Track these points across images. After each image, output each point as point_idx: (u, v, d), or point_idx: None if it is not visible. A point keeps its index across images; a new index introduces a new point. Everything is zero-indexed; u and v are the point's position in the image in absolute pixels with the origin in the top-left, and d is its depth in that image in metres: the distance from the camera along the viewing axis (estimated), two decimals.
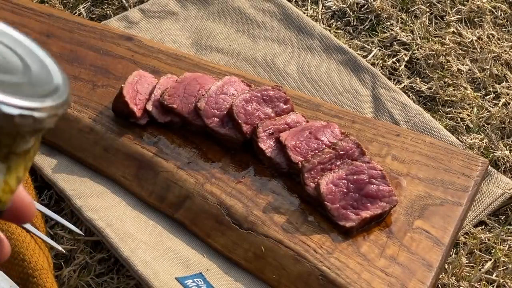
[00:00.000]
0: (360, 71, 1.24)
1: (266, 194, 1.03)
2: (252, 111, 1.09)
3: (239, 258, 0.99)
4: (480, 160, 1.08)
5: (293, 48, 1.27)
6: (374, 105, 1.19)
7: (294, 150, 1.04)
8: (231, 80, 1.13)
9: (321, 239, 0.98)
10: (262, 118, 1.09)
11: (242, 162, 1.07)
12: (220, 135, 1.08)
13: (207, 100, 1.09)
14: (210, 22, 1.31)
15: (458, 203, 1.03)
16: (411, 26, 1.32)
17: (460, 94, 1.22)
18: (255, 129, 1.06)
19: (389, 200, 1.00)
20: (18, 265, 0.91)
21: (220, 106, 1.09)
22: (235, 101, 1.08)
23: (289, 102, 1.11)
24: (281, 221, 1.00)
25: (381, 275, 0.95)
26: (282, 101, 1.11)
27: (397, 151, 1.09)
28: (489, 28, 1.32)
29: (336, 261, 0.96)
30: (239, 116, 1.07)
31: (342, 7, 1.35)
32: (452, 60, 1.26)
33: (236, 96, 1.10)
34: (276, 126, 1.08)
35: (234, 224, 1.01)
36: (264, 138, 1.06)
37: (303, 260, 0.97)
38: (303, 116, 1.10)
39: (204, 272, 0.98)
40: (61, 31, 1.25)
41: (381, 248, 0.98)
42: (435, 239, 0.99)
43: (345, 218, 0.98)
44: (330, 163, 1.03)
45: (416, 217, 1.01)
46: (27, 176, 1.05)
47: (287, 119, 1.09)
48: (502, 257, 1.03)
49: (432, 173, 1.06)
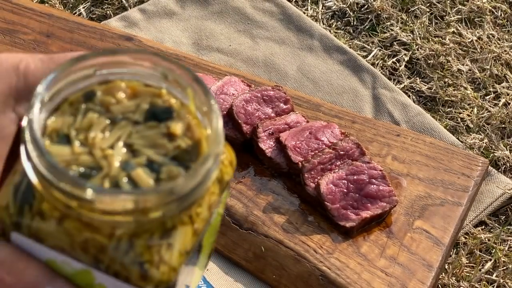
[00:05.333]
0: (360, 71, 1.24)
1: (266, 194, 1.03)
2: (252, 111, 1.09)
3: (239, 258, 0.99)
4: (480, 160, 1.08)
5: (293, 48, 1.27)
6: (374, 105, 1.19)
7: (294, 150, 1.04)
8: (231, 80, 1.13)
9: (321, 239, 0.98)
10: (262, 118, 1.09)
11: (242, 162, 1.07)
12: None
13: None
14: (210, 22, 1.31)
15: (458, 203, 1.03)
16: (411, 26, 1.32)
17: (460, 94, 1.22)
18: (255, 129, 1.06)
19: (389, 200, 1.00)
20: None
21: (220, 106, 1.09)
22: (235, 101, 1.08)
23: (289, 102, 1.11)
24: (281, 221, 1.00)
25: (381, 275, 0.95)
26: (282, 101, 1.11)
27: (397, 151, 1.09)
28: (489, 28, 1.32)
29: (336, 261, 0.96)
30: (239, 116, 1.07)
31: (342, 7, 1.35)
32: (452, 60, 1.26)
33: (236, 96, 1.10)
34: (276, 126, 1.07)
35: (234, 224, 1.01)
36: (264, 138, 1.06)
37: (303, 260, 0.97)
38: (303, 116, 1.10)
39: (204, 272, 0.98)
40: (61, 31, 1.25)
41: (381, 248, 0.98)
42: (435, 239, 0.99)
43: (345, 218, 0.98)
44: (330, 163, 1.03)
45: (416, 217, 1.01)
46: None
47: (287, 119, 1.09)
48: (502, 257, 1.03)
49: (432, 173, 1.06)
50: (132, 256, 0.35)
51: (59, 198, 0.35)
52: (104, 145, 0.36)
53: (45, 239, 0.36)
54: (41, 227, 0.36)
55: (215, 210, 0.39)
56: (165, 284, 0.36)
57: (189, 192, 0.35)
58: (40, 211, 0.36)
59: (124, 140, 0.37)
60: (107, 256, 0.36)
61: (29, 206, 0.36)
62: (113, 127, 0.37)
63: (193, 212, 0.37)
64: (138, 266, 0.35)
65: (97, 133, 0.36)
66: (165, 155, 0.36)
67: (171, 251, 0.36)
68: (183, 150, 0.37)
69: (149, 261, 0.35)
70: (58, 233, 0.36)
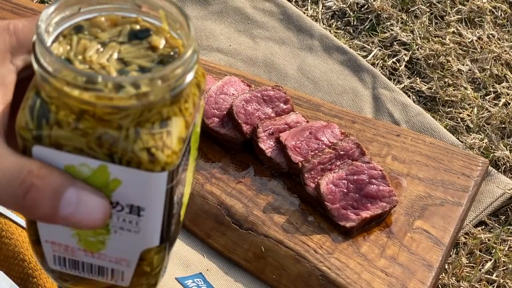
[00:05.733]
0: (360, 71, 1.24)
1: (266, 194, 1.03)
2: (252, 111, 1.09)
3: (239, 258, 1.00)
4: (480, 160, 1.08)
5: (293, 48, 1.27)
6: (374, 105, 1.19)
7: (294, 150, 1.04)
8: (231, 80, 1.13)
9: (321, 239, 0.98)
10: (262, 118, 1.09)
11: (242, 162, 1.07)
12: (220, 135, 1.08)
13: (207, 100, 1.09)
14: (210, 22, 1.31)
15: (458, 203, 1.03)
16: (411, 26, 1.32)
17: (460, 94, 1.22)
18: (255, 129, 1.06)
19: (389, 200, 1.00)
20: (18, 265, 0.91)
21: (220, 106, 1.09)
22: (235, 101, 1.08)
23: (289, 102, 1.11)
24: (281, 221, 1.00)
25: (381, 275, 0.95)
26: (282, 101, 1.11)
27: (397, 151, 1.09)
28: (489, 28, 1.32)
29: (336, 261, 0.96)
30: (239, 116, 1.07)
31: (342, 7, 1.35)
32: (452, 60, 1.26)
33: (236, 96, 1.10)
34: (276, 126, 1.07)
35: (234, 224, 1.01)
36: (264, 138, 1.06)
37: (303, 260, 0.97)
38: (303, 116, 1.10)
39: (204, 272, 0.98)
40: None
41: (381, 248, 0.98)
42: (435, 239, 0.99)
43: (345, 218, 0.98)
44: (330, 163, 1.03)
45: (416, 217, 1.01)
46: None
47: (287, 119, 1.09)
48: (502, 257, 1.03)
49: (432, 173, 1.06)
50: (140, 143, 0.42)
51: (73, 95, 0.41)
52: (101, 60, 0.43)
53: (64, 145, 0.43)
54: (59, 134, 0.42)
55: (197, 112, 0.46)
56: (170, 166, 0.43)
57: (178, 77, 0.42)
58: (56, 121, 0.42)
59: (116, 56, 0.44)
60: (119, 148, 0.42)
61: (46, 119, 0.43)
62: (104, 48, 0.44)
63: (182, 106, 0.44)
64: (146, 152, 0.42)
65: (93, 53, 0.44)
66: (152, 61, 0.44)
67: (171, 137, 0.43)
68: (166, 55, 0.44)
69: (154, 146, 0.42)
70: (75, 135, 0.42)
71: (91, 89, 0.41)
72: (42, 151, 0.43)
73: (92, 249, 0.46)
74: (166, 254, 0.48)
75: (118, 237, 0.45)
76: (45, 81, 0.42)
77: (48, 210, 0.43)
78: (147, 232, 0.45)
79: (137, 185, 0.43)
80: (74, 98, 0.41)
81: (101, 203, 0.43)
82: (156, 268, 0.48)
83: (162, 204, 0.44)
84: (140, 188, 0.43)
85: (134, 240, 0.45)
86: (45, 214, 0.43)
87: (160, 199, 0.44)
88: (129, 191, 0.44)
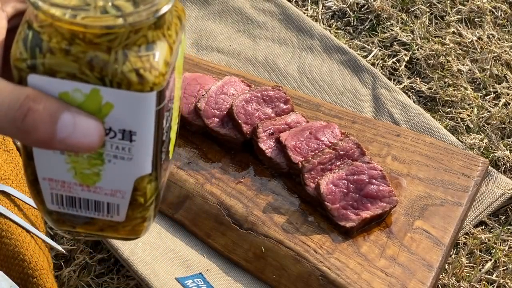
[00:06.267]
0: (360, 71, 1.24)
1: (266, 194, 1.03)
2: (252, 111, 1.09)
3: (239, 258, 1.00)
4: (480, 160, 1.08)
5: (293, 48, 1.27)
6: (374, 105, 1.19)
7: (294, 150, 1.04)
8: (231, 80, 1.13)
9: (321, 240, 0.98)
10: (262, 118, 1.09)
11: (242, 162, 1.07)
12: (220, 135, 1.08)
13: (207, 100, 1.09)
14: (210, 22, 1.31)
15: (458, 203, 1.03)
16: (411, 26, 1.32)
17: (460, 94, 1.22)
18: (255, 129, 1.06)
19: (389, 200, 1.00)
20: (18, 265, 0.91)
21: (220, 106, 1.09)
22: (235, 101, 1.08)
23: (289, 102, 1.11)
24: (281, 221, 1.00)
25: (381, 275, 0.95)
26: (282, 101, 1.11)
27: (397, 151, 1.09)
28: (489, 28, 1.32)
29: (336, 261, 0.96)
30: (239, 116, 1.07)
31: (342, 7, 1.35)
32: (452, 60, 1.26)
33: (236, 96, 1.10)
34: (276, 126, 1.08)
35: (234, 225, 1.01)
36: (264, 138, 1.06)
37: (303, 261, 0.97)
38: (303, 116, 1.10)
39: (204, 272, 0.98)
40: None
41: (381, 248, 0.98)
42: (435, 239, 0.99)
43: (345, 218, 0.98)
44: (330, 163, 1.03)
45: (416, 217, 1.01)
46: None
47: (287, 119, 1.09)
48: (502, 257, 1.03)
49: (432, 173, 1.06)
50: (129, 65, 0.45)
51: (65, 19, 0.44)
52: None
53: (58, 71, 0.45)
54: (53, 61, 0.45)
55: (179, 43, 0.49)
56: (158, 86, 0.46)
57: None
58: (49, 49, 0.45)
59: None
60: (109, 70, 0.45)
61: (39, 48, 0.45)
62: None
63: (166, 32, 0.47)
64: (135, 72, 0.45)
65: None
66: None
67: (157, 59, 0.46)
68: None
69: (142, 67, 0.45)
70: (67, 61, 0.45)
71: (80, 9, 0.44)
72: (37, 79, 0.46)
73: (88, 182, 0.49)
74: (158, 185, 0.50)
75: (112, 166, 0.48)
76: (37, 8, 0.45)
77: (46, 133, 0.45)
78: (139, 158, 0.48)
79: (128, 107, 0.46)
80: (65, 21, 0.44)
81: (96, 125, 0.46)
82: (150, 199, 0.50)
83: (152, 127, 0.47)
84: (131, 111, 0.46)
85: (128, 168, 0.48)
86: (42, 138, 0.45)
87: (150, 121, 0.47)
88: (121, 115, 0.46)
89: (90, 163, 0.48)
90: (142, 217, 0.51)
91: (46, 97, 0.45)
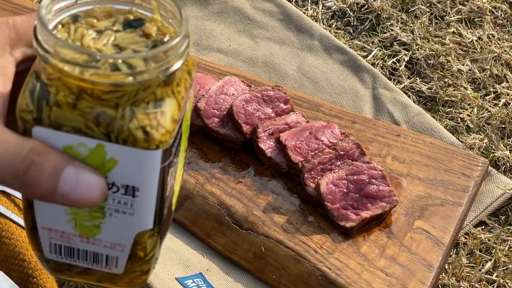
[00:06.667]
0: (360, 71, 1.24)
1: (266, 194, 1.03)
2: (252, 111, 1.09)
3: (239, 258, 1.00)
4: (480, 160, 1.08)
5: (293, 48, 1.27)
6: (374, 105, 1.19)
7: (294, 150, 1.04)
8: (231, 80, 1.13)
9: (321, 240, 0.98)
10: (262, 118, 1.09)
11: (242, 162, 1.07)
12: (220, 135, 1.08)
13: (207, 100, 1.09)
14: (210, 22, 1.31)
15: (458, 203, 1.03)
16: (411, 26, 1.32)
17: (460, 94, 1.22)
18: (255, 129, 1.06)
19: (389, 200, 1.00)
20: (18, 265, 0.91)
21: (220, 106, 1.09)
22: (235, 101, 1.08)
23: (289, 102, 1.11)
24: (281, 221, 1.00)
25: (381, 275, 0.95)
26: (282, 101, 1.11)
27: (397, 151, 1.09)
28: (489, 28, 1.32)
29: (336, 261, 0.96)
30: (239, 116, 1.07)
31: (342, 7, 1.35)
32: (452, 60, 1.26)
33: (236, 96, 1.10)
34: (276, 126, 1.08)
35: (234, 224, 1.01)
36: (264, 138, 1.06)
37: (303, 261, 0.97)
38: (303, 116, 1.10)
39: (204, 272, 0.98)
40: None
41: (381, 248, 0.98)
42: (435, 239, 0.99)
43: (345, 218, 0.98)
44: (330, 163, 1.03)
45: (416, 217, 1.01)
46: None
47: (287, 119, 1.09)
48: (502, 257, 1.03)
49: (432, 173, 1.06)
50: (136, 122, 0.44)
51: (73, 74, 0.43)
52: (97, 46, 0.46)
53: (63, 125, 0.45)
54: (59, 114, 0.44)
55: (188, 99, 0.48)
56: (164, 144, 0.45)
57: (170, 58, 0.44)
58: (56, 102, 0.44)
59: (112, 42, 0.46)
60: (116, 126, 0.44)
61: (46, 100, 0.44)
62: (100, 35, 0.46)
63: (175, 89, 0.46)
64: (141, 130, 0.44)
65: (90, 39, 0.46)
66: (145, 46, 0.46)
67: (164, 116, 0.45)
68: (159, 41, 0.46)
69: (149, 125, 0.44)
70: (73, 115, 0.44)
71: (90, 66, 0.43)
72: (42, 132, 0.45)
73: (88, 234, 0.48)
74: (158, 240, 0.50)
75: (113, 220, 0.47)
76: (46, 62, 0.44)
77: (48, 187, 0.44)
78: (142, 214, 0.47)
79: (133, 164, 0.45)
80: (74, 77, 0.43)
81: (99, 181, 0.45)
82: (150, 253, 0.50)
83: (156, 184, 0.46)
84: (135, 167, 0.45)
85: (129, 222, 0.47)
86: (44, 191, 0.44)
87: (154, 178, 0.46)
88: (125, 170, 0.45)
89: (91, 215, 0.47)
90: (141, 270, 0.50)
91: (50, 150, 0.45)
